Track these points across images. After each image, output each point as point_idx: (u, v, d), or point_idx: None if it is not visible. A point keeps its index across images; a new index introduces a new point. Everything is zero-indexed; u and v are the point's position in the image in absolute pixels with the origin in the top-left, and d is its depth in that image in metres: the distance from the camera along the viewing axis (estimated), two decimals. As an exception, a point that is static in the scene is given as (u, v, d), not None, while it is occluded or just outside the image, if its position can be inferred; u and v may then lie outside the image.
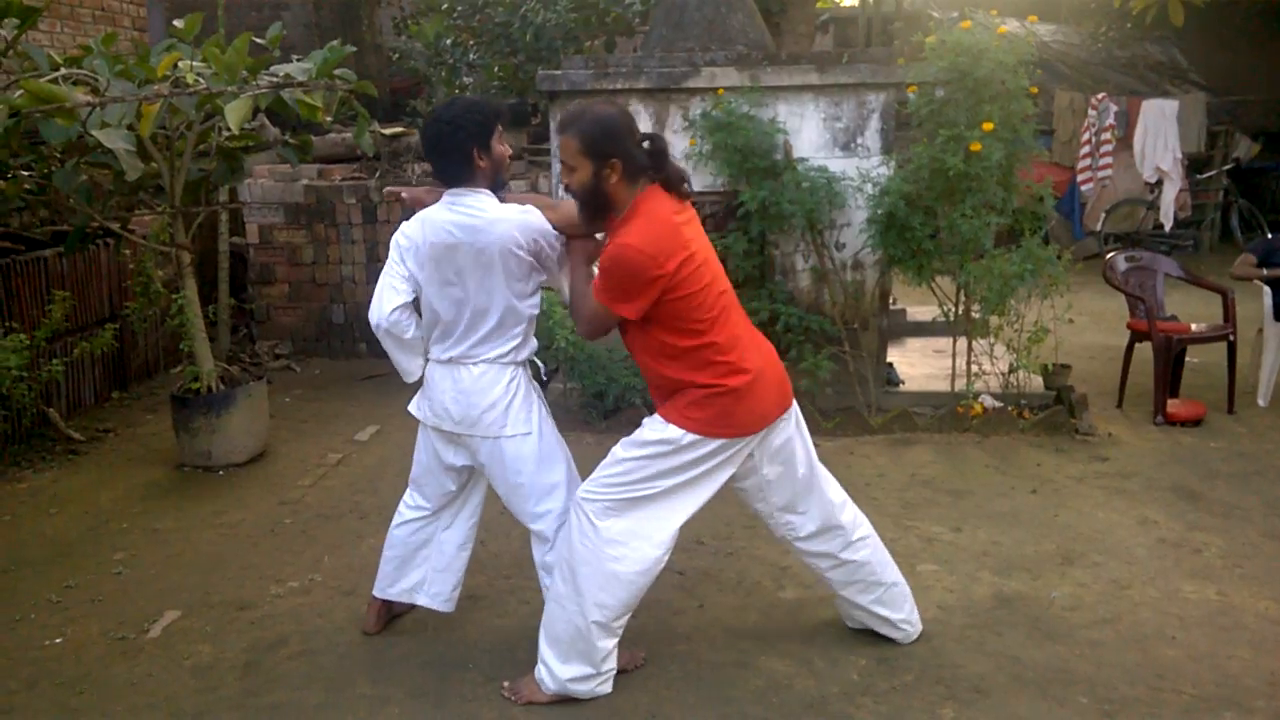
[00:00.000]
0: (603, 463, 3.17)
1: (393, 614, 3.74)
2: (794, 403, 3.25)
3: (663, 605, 3.78)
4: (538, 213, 3.20)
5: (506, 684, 3.27)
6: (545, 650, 3.19)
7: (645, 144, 3.02)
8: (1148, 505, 4.65)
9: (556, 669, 3.16)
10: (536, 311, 3.31)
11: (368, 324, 3.36)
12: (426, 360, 3.37)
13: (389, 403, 6.41)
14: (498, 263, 3.13)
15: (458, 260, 3.15)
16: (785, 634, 3.58)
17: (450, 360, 3.27)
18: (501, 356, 3.25)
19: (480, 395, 3.23)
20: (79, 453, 5.64)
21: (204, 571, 4.16)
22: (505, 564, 4.14)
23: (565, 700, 3.18)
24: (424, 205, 3.28)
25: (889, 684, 3.26)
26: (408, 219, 3.29)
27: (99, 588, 4.04)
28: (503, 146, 3.26)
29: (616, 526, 3.10)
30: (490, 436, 3.26)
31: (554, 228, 3.20)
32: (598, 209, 3.04)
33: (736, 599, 3.85)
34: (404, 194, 3.43)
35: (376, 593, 3.64)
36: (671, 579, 3.99)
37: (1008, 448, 5.41)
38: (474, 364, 3.24)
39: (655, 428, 3.10)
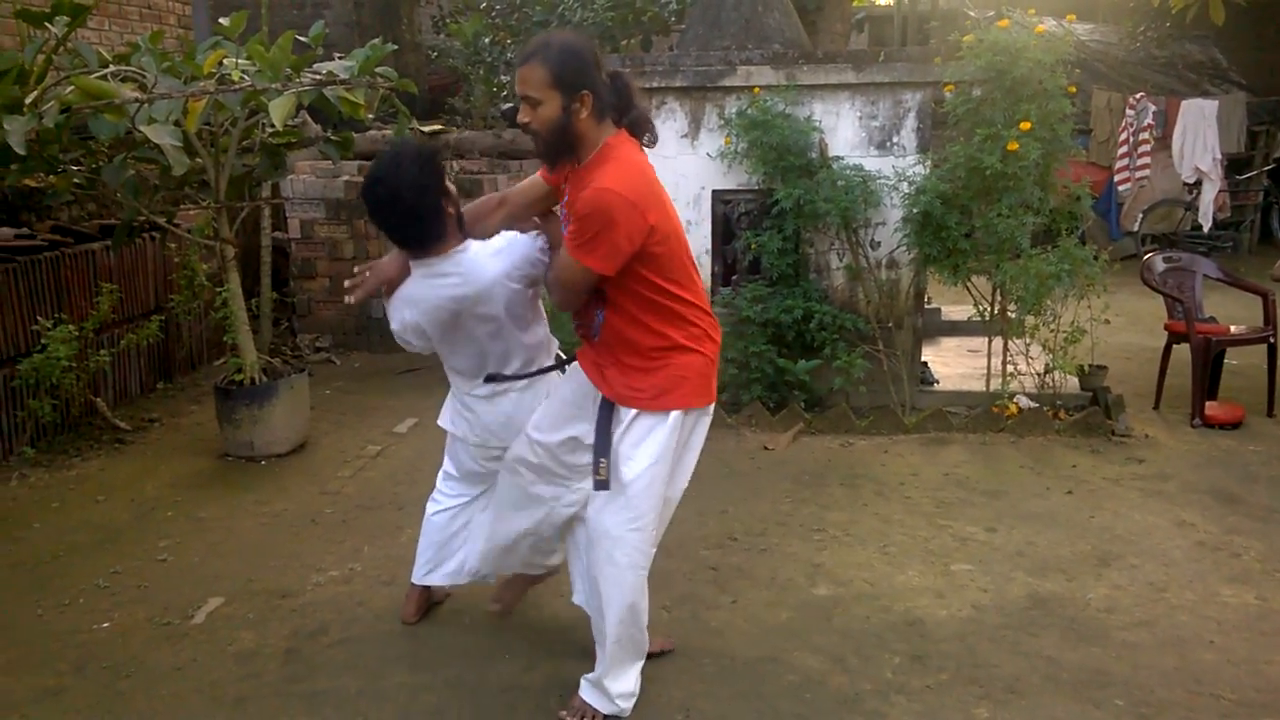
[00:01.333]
0: (625, 491, 2.91)
1: (432, 601, 3.79)
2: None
3: (696, 600, 3.81)
4: (508, 239, 3.08)
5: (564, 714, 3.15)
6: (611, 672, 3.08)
7: (609, 80, 2.75)
8: (1185, 508, 4.62)
9: (616, 687, 3.09)
10: (543, 315, 3.30)
11: None
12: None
13: (427, 396, 6.47)
14: (502, 310, 3.08)
15: (464, 326, 3.11)
16: (819, 630, 3.59)
17: (487, 396, 3.26)
18: (529, 369, 3.24)
19: (526, 413, 3.21)
20: (125, 442, 5.73)
21: (246, 559, 4.22)
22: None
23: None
24: (393, 281, 3.15)
25: (923, 682, 3.25)
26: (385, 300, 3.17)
27: (145, 574, 4.11)
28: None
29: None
30: None
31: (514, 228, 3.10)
32: (562, 149, 2.76)
33: (770, 595, 3.86)
34: (367, 275, 3.16)
35: (415, 580, 3.67)
36: (705, 574, 4.01)
37: (1043, 448, 5.39)
38: (513, 391, 3.24)
39: (654, 423, 2.88)
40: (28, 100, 4.44)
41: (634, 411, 2.88)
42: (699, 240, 6.08)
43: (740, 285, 6.00)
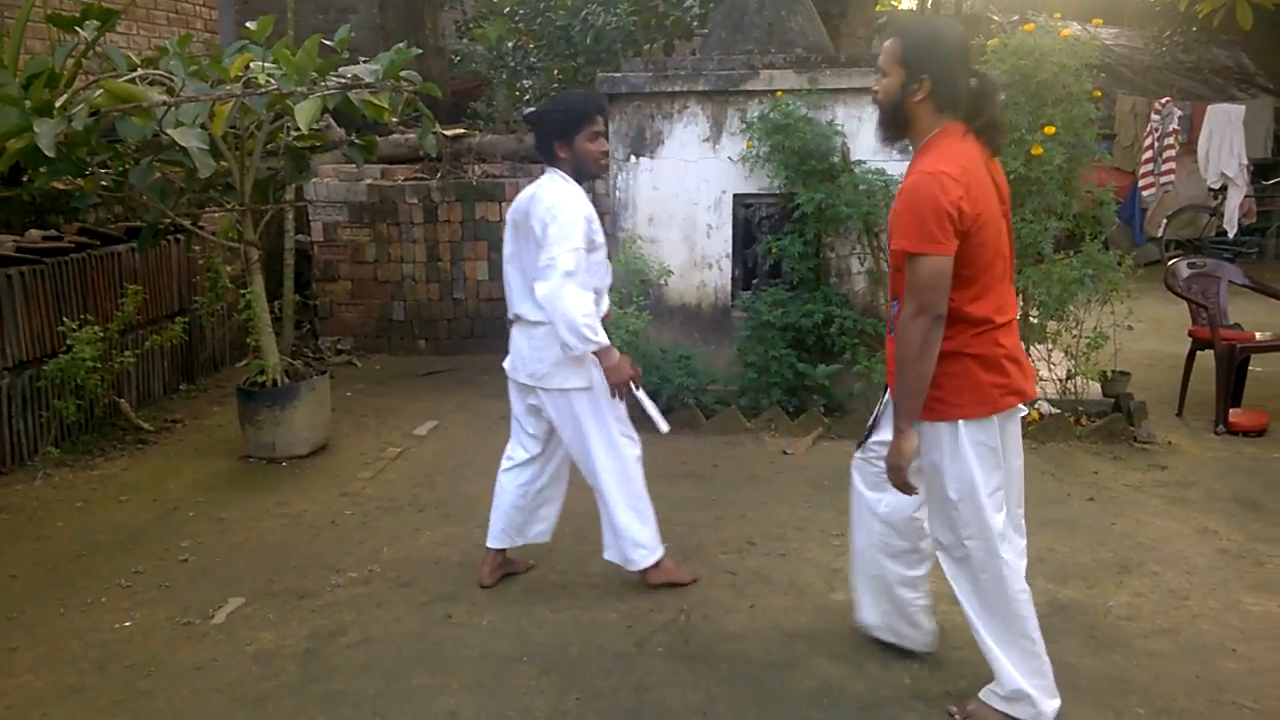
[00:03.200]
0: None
1: (510, 571, 4.02)
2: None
3: (714, 604, 3.80)
4: (567, 199, 3.50)
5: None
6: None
7: (973, 81, 2.76)
8: (1208, 515, 4.57)
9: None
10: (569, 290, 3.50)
11: (427, 321, 3.55)
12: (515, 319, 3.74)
13: (447, 399, 6.50)
14: (533, 233, 3.52)
15: (520, 228, 3.61)
16: (837, 636, 3.56)
17: (518, 319, 3.69)
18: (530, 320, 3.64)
19: (547, 351, 3.60)
20: (148, 442, 5.77)
21: (267, 560, 4.24)
22: (559, 559, 4.17)
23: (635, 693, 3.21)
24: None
25: (942, 689, 3.23)
26: None
27: (166, 574, 4.13)
28: (592, 144, 3.58)
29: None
30: (554, 389, 3.65)
31: None
32: (893, 126, 2.85)
33: (789, 600, 3.84)
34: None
35: (493, 544, 3.91)
36: (723, 579, 4.00)
37: (1064, 455, 5.35)
38: (540, 325, 3.59)
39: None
40: (57, 104, 4.48)
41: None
42: (719, 244, 6.07)
43: (761, 289, 5.99)
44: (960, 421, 2.83)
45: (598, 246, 3.62)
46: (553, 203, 3.50)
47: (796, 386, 5.80)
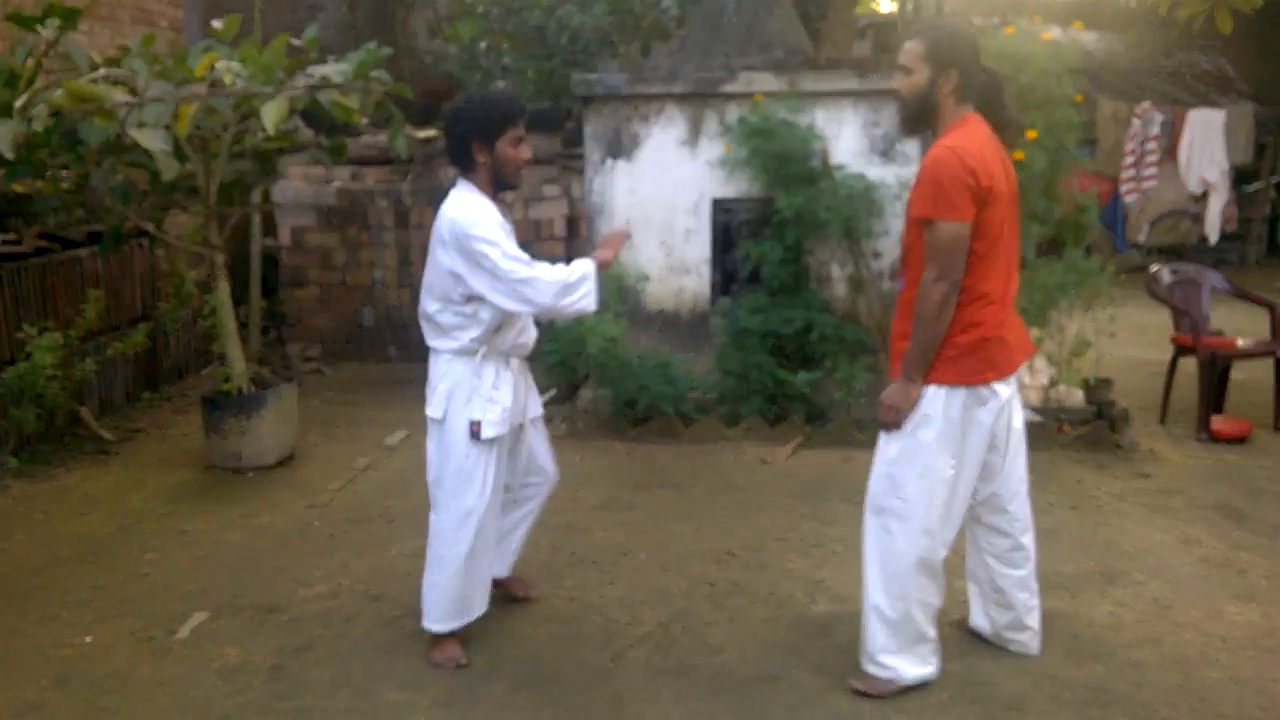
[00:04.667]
0: None
1: (511, 597, 3.86)
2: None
3: (693, 616, 3.75)
4: (480, 213, 3.18)
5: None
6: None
7: (983, 75, 3.08)
8: (1191, 524, 4.55)
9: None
10: (473, 323, 3.28)
11: (398, 328, 3.43)
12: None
13: (419, 408, 6.37)
14: (435, 251, 3.25)
15: (432, 241, 3.30)
16: (817, 648, 3.53)
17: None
18: (444, 347, 3.36)
19: (434, 377, 3.41)
20: (110, 452, 5.67)
21: (232, 573, 4.16)
22: (533, 574, 4.09)
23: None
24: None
25: (923, 701, 3.20)
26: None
27: (129, 588, 4.05)
28: (514, 149, 3.24)
29: None
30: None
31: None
32: (919, 117, 3.08)
33: (768, 611, 3.80)
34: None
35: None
36: (702, 590, 3.96)
37: (1047, 463, 5.31)
38: (434, 351, 3.40)
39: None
40: (17, 104, 4.38)
41: None
42: (698, 249, 6.02)
43: (740, 295, 5.93)
44: (933, 386, 3.07)
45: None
46: (466, 218, 3.17)
47: (776, 394, 5.74)
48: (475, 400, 3.31)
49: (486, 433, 3.29)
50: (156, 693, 3.30)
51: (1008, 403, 3.16)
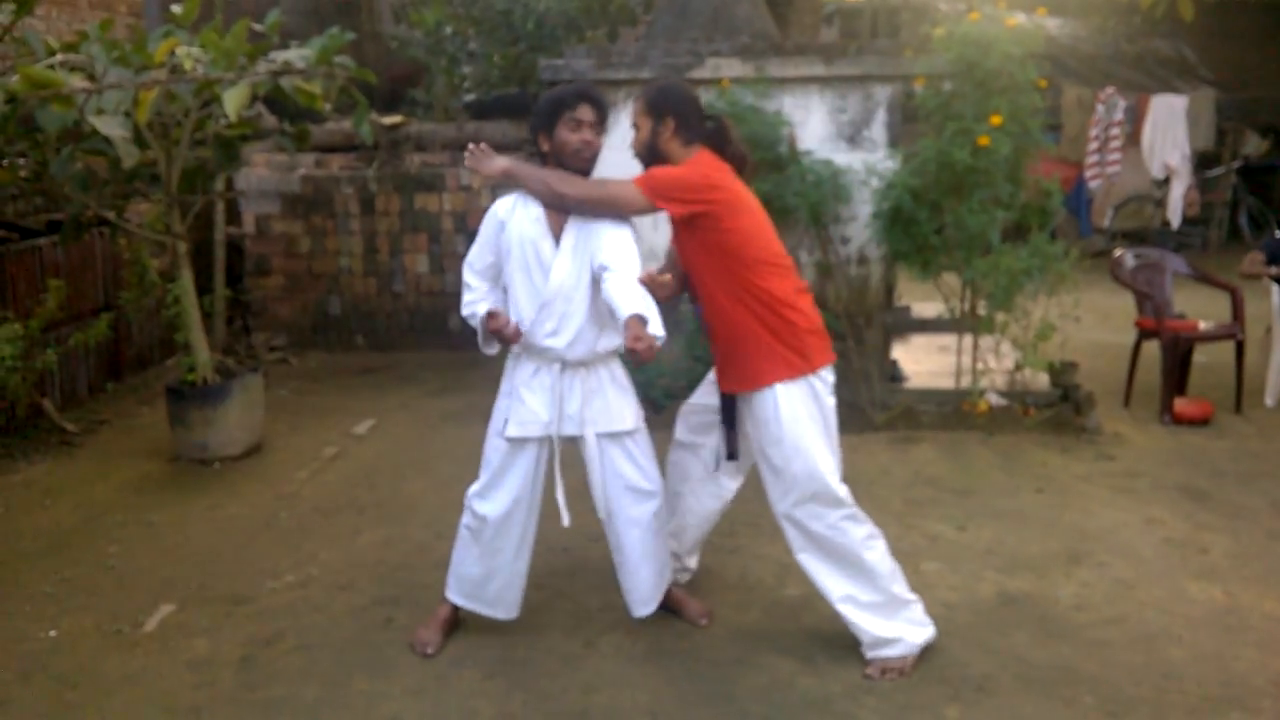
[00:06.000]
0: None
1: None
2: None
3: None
4: (492, 210, 3.42)
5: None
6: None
7: (709, 122, 3.38)
8: (1154, 505, 4.61)
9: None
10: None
11: (365, 316, 3.42)
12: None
13: (387, 397, 6.38)
14: None
15: None
16: (788, 632, 3.55)
17: None
18: None
19: None
20: (73, 444, 5.60)
21: (199, 565, 4.12)
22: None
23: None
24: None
25: (893, 683, 3.22)
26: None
27: (93, 580, 4.01)
28: (571, 133, 3.30)
29: None
30: None
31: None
32: (650, 162, 3.36)
33: (738, 596, 3.81)
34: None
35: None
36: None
37: (1013, 446, 5.36)
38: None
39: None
40: (-29, 91, 4.31)
41: None
42: (662, 237, 5.98)
43: (708, 281, 5.91)
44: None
45: (507, 257, 3.36)
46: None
47: (744, 379, 5.74)
48: (505, 397, 3.44)
49: (510, 431, 3.35)
50: (124, 686, 3.27)
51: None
